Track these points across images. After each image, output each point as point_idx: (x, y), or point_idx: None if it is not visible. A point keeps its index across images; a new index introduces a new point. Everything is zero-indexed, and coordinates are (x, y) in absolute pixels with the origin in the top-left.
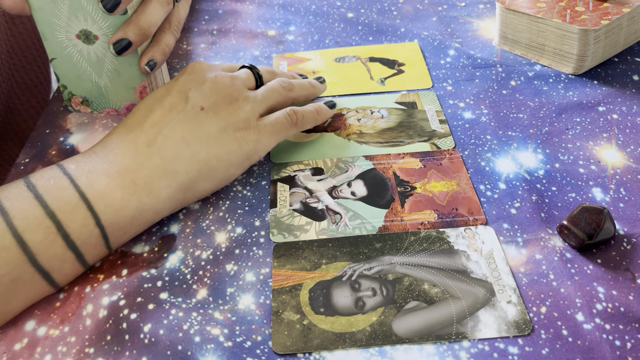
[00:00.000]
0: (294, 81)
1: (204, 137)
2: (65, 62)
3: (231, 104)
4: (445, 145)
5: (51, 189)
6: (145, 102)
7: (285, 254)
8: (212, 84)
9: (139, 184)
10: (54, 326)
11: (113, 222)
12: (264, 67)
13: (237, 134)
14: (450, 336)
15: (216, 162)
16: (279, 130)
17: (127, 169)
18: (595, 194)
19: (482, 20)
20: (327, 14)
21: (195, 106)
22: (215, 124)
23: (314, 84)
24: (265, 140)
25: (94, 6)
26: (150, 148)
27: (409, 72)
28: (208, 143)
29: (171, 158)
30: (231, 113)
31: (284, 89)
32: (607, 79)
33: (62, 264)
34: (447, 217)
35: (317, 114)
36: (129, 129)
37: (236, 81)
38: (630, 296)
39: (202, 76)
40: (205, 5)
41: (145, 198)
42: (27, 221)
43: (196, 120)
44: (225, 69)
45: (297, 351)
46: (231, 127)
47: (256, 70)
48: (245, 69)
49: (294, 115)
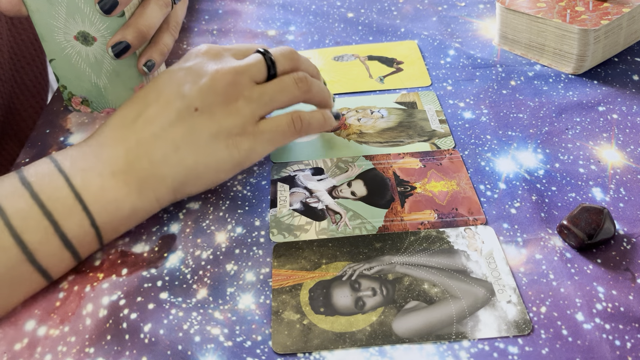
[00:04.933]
0: (314, 81)
1: (194, 142)
2: (64, 63)
3: (229, 105)
4: (445, 145)
5: (47, 187)
6: (145, 90)
7: (285, 253)
8: (212, 80)
9: (131, 186)
10: (54, 326)
11: (107, 222)
12: (282, 51)
13: (229, 141)
14: (450, 336)
15: (204, 169)
16: (278, 139)
17: (119, 169)
18: (595, 194)
19: (482, 20)
20: (327, 14)
21: (190, 106)
22: (207, 129)
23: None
24: (260, 149)
25: (91, 8)
26: (139, 148)
27: (408, 70)
28: (197, 149)
29: (158, 162)
30: (227, 116)
31: (298, 89)
32: (607, 79)
33: (59, 261)
34: (447, 217)
35: (324, 121)
36: (124, 123)
37: (240, 77)
38: (630, 296)
39: (204, 68)
40: (205, 5)
41: (137, 200)
42: (25, 221)
43: (188, 122)
44: (237, 52)
45: (297, 351)
46: (224, 132)
47: (269, 56)
48: (257, 55)
49: (299, 122)
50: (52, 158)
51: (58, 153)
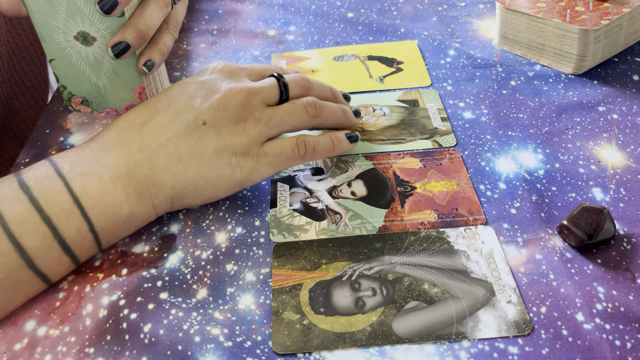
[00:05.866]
0: (325, 105)
1: (197, 155)
2: (64, 63)
3: (237, 124)
4: (447, 142)
5: (45, 191)
6: (157, 97)
7: (285, 253)
8: (224, 98)
9: (130, 192)
10: (54, 326)
11: (105, 227)
12: (296, 79)
13: (232, 159)
14: (450, 336)
15: (204, 183)
16: (281, 163)
17: (118, 174)
18: (595, 194)
19: (482, 20)
20: (327, 14)
21: (198, 119)
22: (213, 144)
23: (347, 114)
24: (262, 170)
25: (91, 8)
26: (142, 154)
27: (408, 70)
28: (200, 162)
29: (160, 169)
30: (233, 134)
31: (307, 114)
32: (607, 79)
33: (58, 266)
34: (447, 217)
35: (332, 147)
36: (129, 127)
37: (253, 98)
38: (630, 296)
39: (218, 84)
40: (205, 5)
41: (135, 206)
42: (23, 226)
43: (195, 135)
44: (253, 72)
45: (297, 351)
46: (228, 150)
47: (283, 81)
48: (271, 78)
49: (303, 147)
50: (51, 161)
51: (57, 156)
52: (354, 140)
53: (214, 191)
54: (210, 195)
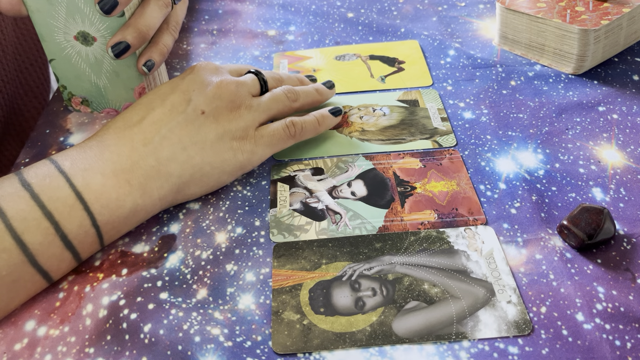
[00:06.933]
0: (300, 89)
1: (201, 142)
2: (64, 63)
3: (232, 111)
4: (447, 142)
5: (47, 188)
6: (148, 97)
7: (285, 254)
8: (217, 88)
9: (134, 185)
10: (54, 326)
11: (108, 222)
12: (270, 73)
13: (233, 143)
14: (450, 336)
15: (209, 168)
16: (275, 143)
17: (122, 168)
18: (595, 194)
19: (482, 20)
20: (327, 14)
21: (197, 109)
22: (214, 130)
23: (320, 91)
24: (261, 152)
25: (91, 8)
26: (146, 147)
27: (409, 70)
28: (204, 149)
29: (166, 159)
30: (231, 120)
31: (288, 99)
32: (607, 79)
33: (60, 263)
34: (447, 217)
35: (317, 124)
36: (127, 125)
37: (241, 88)
38: (630, 296)
39: (208, 79)
40: (205, 5)
41: (139, 199)
42: (25, 222)
43: (195, 124)
44: (232, 70)
45: (297, 351)
46: (228, 135)
47: (262, 76)
48: (251, 74)
49: (292, 127)
50: (51, 160)
51: (57, 155)
52: (338, 114)
53: (219, 176)
54: (216, 181)
